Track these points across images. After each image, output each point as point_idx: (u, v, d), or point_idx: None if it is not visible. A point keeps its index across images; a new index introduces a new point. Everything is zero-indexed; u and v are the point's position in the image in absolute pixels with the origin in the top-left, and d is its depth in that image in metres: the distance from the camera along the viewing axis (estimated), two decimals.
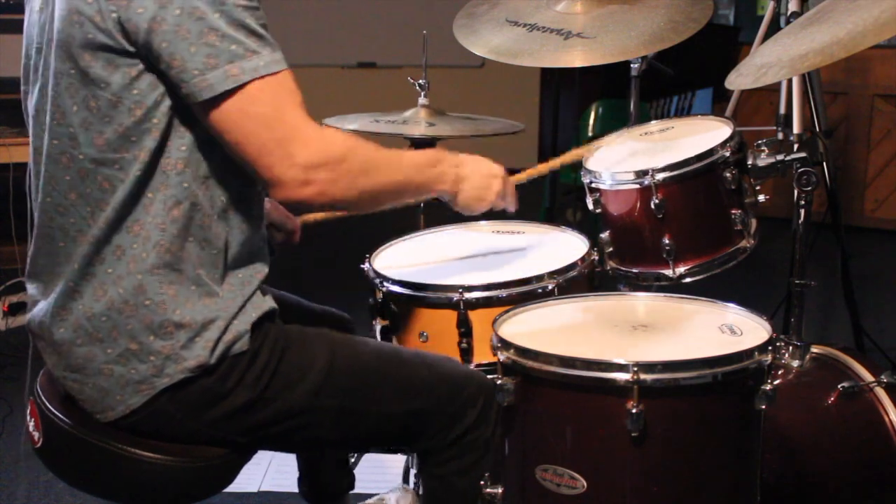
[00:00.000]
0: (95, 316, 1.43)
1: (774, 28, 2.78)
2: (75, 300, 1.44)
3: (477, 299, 1.76)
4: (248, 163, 1.38)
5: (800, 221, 2.06)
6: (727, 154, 1.86)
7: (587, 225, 4.33)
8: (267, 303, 1.52)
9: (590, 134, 4.73)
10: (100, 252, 1.42)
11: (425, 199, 1.69)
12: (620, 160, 2.04)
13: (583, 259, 1.88)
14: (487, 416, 1.60)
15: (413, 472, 2.11)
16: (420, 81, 2.38)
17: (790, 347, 2.05)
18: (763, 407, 1.43)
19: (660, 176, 1.86)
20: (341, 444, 1.75)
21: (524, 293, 1.77)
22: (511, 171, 1.87)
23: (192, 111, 1.39)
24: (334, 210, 1.48)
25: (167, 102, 1.38)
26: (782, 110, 2.85)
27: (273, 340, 1.50)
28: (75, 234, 1.44)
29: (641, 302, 1.71)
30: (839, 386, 1.94)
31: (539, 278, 1.79)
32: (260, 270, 1.51)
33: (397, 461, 2.51)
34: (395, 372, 1.57)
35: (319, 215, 2.00)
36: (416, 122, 2.32)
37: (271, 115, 1.35)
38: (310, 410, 1.51)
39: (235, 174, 1.44)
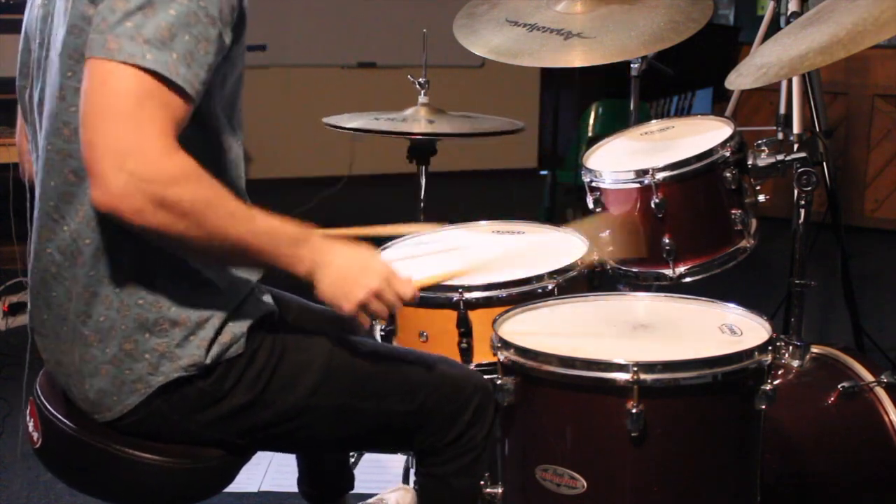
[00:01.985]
0: (92, 317, 1.42)
1: (774, 28, 2.78)
2: (70, 300, 1.44)
3: (477, 299, 1.76)
4: (84, 145, 1.25)
5: (800, 221, 2.06)
6: (727, 154, 1.87)
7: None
8: (265, 304, 1.52)
9: (590, 134, 4.73)
10: (83, 248, 1.40)
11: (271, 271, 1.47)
12: (621, 159, 2.05)
13: (583, 259, 1.88)
14: (485, 416, 1.60)
15: (413, 471, 2.11)
16: (420, 80, 2.38)
17: (790, 347, 2.04)
18: (763, 407, 1.43)
19: (660, 175, 1.86)
20: (339, 445, 1.75)
21: (524, 293, 1.77)
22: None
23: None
24: (154, 240, 1.30)
25: None
26: (782, 110, 2.85)
27: (271, 342, 1.49)
28: (40, 229, 1.43)
29: (641, 302, 1.71)
30: (839, 386, 1.94)
31: (539, 278, 1.78)
32: (257, 270, 1.51)
33: (397, 461, 2.51)
34: (392, 372, 1.57)
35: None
36: (416, 119, 2.31)
37: (128, 109, 1.23)
38: (308, 411, 1.50)
39: (227, 171, 1.43)
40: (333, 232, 1.68)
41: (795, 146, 1.98)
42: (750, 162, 1.91)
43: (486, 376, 1.62)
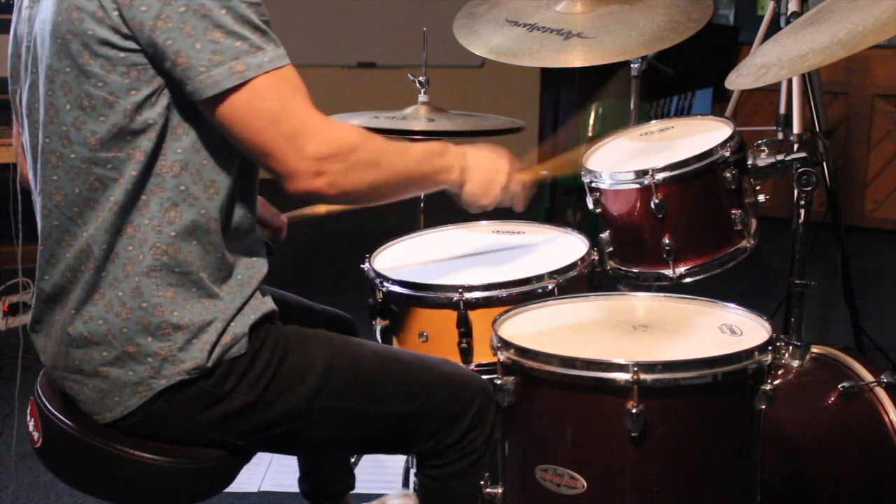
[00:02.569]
0: (93, 319, 1.42)
1: (774, 28, 2.78)
2: (72, 302, 1.44)
3: (477, 299, 1.76)
4: (260, 157, 1.39)
5: (800, 221, 2.06)
6: (727, 154, 1.86)
7: (587, 225, 4.33)
8: (266, 304, 1.52)
9: (590, 134, 4.73)
10: (93, 254, 1.41)
11: (432, 192, 1.66)
12: (621, 160, 2.04)
13: (583, 259, 1.88)
14: (485, 418, 1.60)
15: (413, 472, 2.11)
16: (420, 79, 2.38)
17: (790, 347, 2.04)
18: (763, 407, 1.43)
19: (660, 176, 1.86)
20: (339, 446, 1.75)
21: (524, 293, 1.76)
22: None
23: (190, 113, 1.38)
24: (345, 202, 1.49)
25: (164, 103, 1.37)
26: (782, 110, 2.85)
27: (272, 343, 1.49)
28: (60, 236, 1.44)
29: (641, 302, 1.71)
30: (839, 386, 1.94)
31: (539, 278, 1.78)
32: (259, 271, 1.51)
33: (397, 462, 2.51)
34: (393, 374, 1.57)
35: (305, 211, 2.00)
36: (416, 118, 2.31)
37: (279, 110, 1.36)
38: (308, 413, 1.50)
39: (233, 175, 1.44)
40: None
41: (795, 146, 1.98)
42: (750, 162, 1.90)
43: (485, 376, 1.62)
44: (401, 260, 2.00)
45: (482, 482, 1.58)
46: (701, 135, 2.00)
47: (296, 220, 1.99)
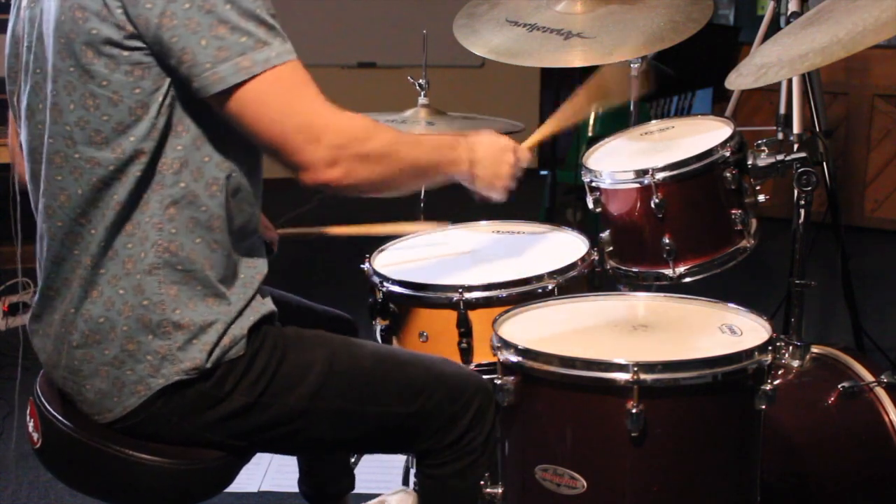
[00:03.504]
0: (93, 317, 1.42)
1: (774, 28, 2.78)
2: (72, 301, 1.44)
3: (477, 299, 1.76)
4: (273, 150, 1.39)
5: (800, 221, 2.06)
6: (727, 154, 1.86)
7: (587, 225, 4.33)
8: (266, 305, 1.52)
9: (590, 134, 4.73)
10: (93, 253, 1.41)
11: (445, 184, 1.66)
12: (621, 160, 2.05)
13: (583, 259, 1.88)
14: (485, 418, 1.60)
15: (413, 472, 2.11)
16: (420, 81, 2.37)
17: (790, 347, 2.04)
18: (763, 407, 1.43)
19: (660, 175, 1.86)
20: (339, 446, 1.75)
21: (524, 293, 1.76)
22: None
23: (191, 110, 1.38)
24: (359, 193, 1.47)
25: (167, 101, 1.37)
26: (782, 110, 2.85)
27: (271, 344, 1.49)
28: (65, 237, 1.44)
29: (641, 302, 1.71)
30: (839, 386, 1.94)
31: (539, 278, 1.78)
32: (260, 271, 1.51)
33: (398, 461, 2.51)
34: (393, 374, 1.57)
35: (300, 230, 2.00)
36: (416, 121, 2.31)
37: (288, 103, 1.36)
38: (307, 413, 1.50)
39: (235, 174, 1.44)
40: (337, 230, 1.75)
41: (795, 146, 1.98)
42: (750, 162, 1.91)
43: (486, 376, 1.62)
44: (401, 260, 2.00)
45: (482, 482, 1.58)
46: (701, 135, 2.00)
47: (289, 237, 1.98)
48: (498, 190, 1.69)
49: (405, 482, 2.29)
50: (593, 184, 2.00)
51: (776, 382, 1.94)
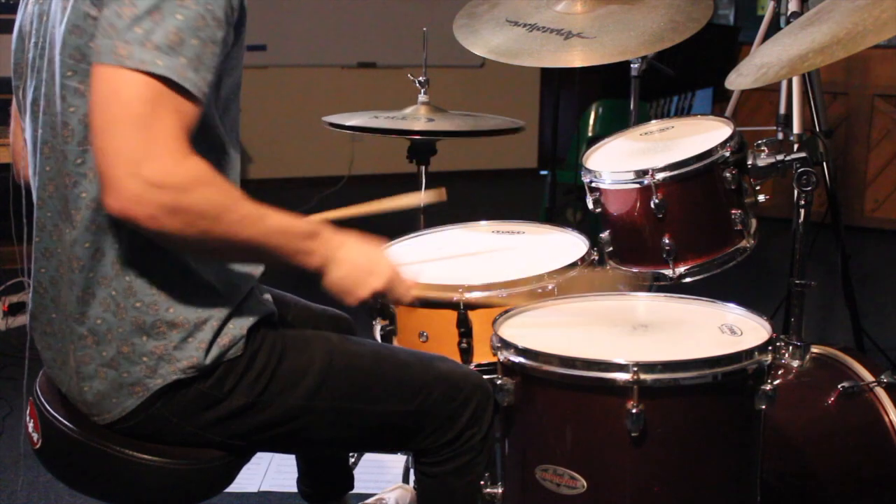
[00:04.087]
0: (89, 319, 1.42)
1: (774, 28, 2.78)
2: (68, 303, 1.44)
3: (477, 299, 1.76)
4: (96, 152, 1.26)
5: (800, 221, 2.06)
6: (727, 154, 1.87)
7: (587, 225, 4.34)
8: (265, 306, 1.51)
9: (590, 134, 4.73)
10: (77, 254, 1.40)
11: (285, 268, 1.48)
12: (621, 160, 2.05)
13: (583, 259, 1.88)
14: (484, 416, 1.60)
15: (413, 471, 2.10)
16: (420, 79, 2.37)
17: (790, 347, 2.05)
18: (763, 407, 1.43)
19: (660, 176, 1.86)
20: (338, 445, 1.75)
21: (524, 293, 1.76)
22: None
23: None
24: (162, 243, 1.32)
25: None
26: (782, 110, 2.85)
27: (270, 344, 1.49)
28: (53, 228, 1.43)
29: (641, 302, 1.71)
30: (839, 386, 1.94)
31: (539, 278, 1.78)
32: (255, 267, 1.51)
33: (397, 461, 2.51)
34: (392, 373, 1.57)
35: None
36: (416, 118, 2.31)
37: (141, 116, 1.23)
38: (307, 413, 1.50)
39: (226, 174, 1.43)
40: (333, 214, 1.69)
41: (795, 146, 1.98)
42: (750, 162, 1.91)
43: (486, 376, 1.62)
44: (401, 260, 2.00)
45: (482, 482, 1.58)
46: (701, 135, 2.01)
47: None
48: (347, 298, 1.50)
49: (405, 481, 2.29)
50: (593, 184, 2.00)
51: (776, 382, 1.94)
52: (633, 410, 1.34)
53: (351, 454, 2.34)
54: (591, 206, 2.02)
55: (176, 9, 1.26)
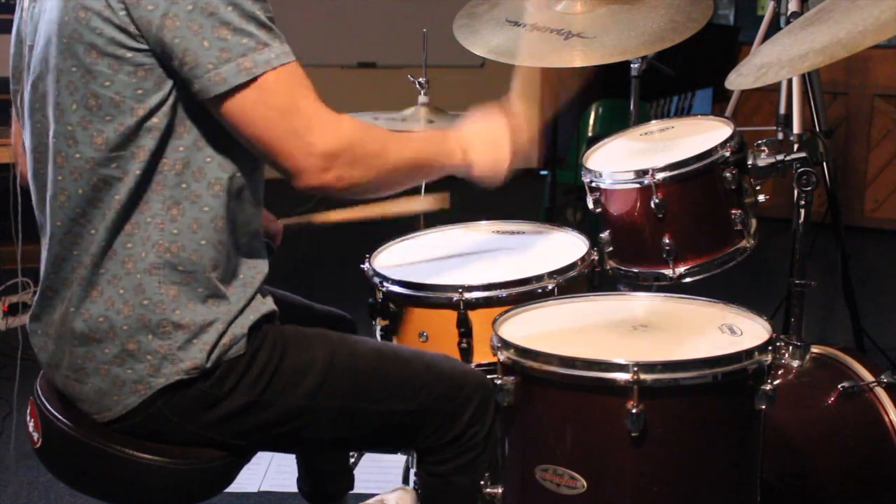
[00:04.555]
0: (93, 317, 1.42)
1: (774, 28, 2.78)
2: (72, 301, 1.44)
3: (477, 299, 1.76)
4: (267, 154, 1.39)
5: (800, 221, 2.06)
6: (727, 154, 1.86)
7: (587, 225, 4.33)
8: (266, 305, 1.52)
9: (590, 134, 4.73)
10: (93, 252, 1.41)
11: (443, 176, 1.64)
12: (621, 160, 2.05)
13: (583, 259, 1.88)
14: (486, 414, 1.60)
15: (413, 471, 2.11)
16: (420, 80, 2.37)
17: (790, 347, 2.05)
18: (763, 407, 1.43)
19: (660, 176, 1.86)
20: (339, 444, 1.75)
21: (524, 293, 1.76)
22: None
23: (193, 112, 1.38)
24: (354, 195, 1.48)
25: (170, 102, 1.37)
26: (782, 110, 2.85)
27: (271, 343, 1.49)
28: (64, 237, 1.44)
29: (641, 302, 1.71)
30: (839, 386, 1.94)
31: (539, 278, 1.78)
32: (260, 271, 1.51)
33: (397, 461, 2.51)
34: (393, 371, 1.57)
35: (303, 219, 1.99)
36: (416, 119, 2.31)
37: (287, 105, 1.36)
38: (308, 412, 1.50)
39: (238, 174, 1.44)
40: (335, 216, 1.75)
41: (795, 146, 1.98)
42: (750, 162, 1.91)
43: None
44: (401, 260, 2.00)
45: (482, 482, 1.58)
46: (701, 135, 2.01)
47: (293, 226, 1.99)
48: (500, 172, 1.67)
49: (405, 482, 2.29)
50: (593, 184, 2.00)
51: (776, 382, 1.94)
52: (633, 410, 1.34)
53: (351, 454, 2.34)
54: (591, 206, 2.02)
55: (229, 13, 1.33)
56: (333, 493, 2.05)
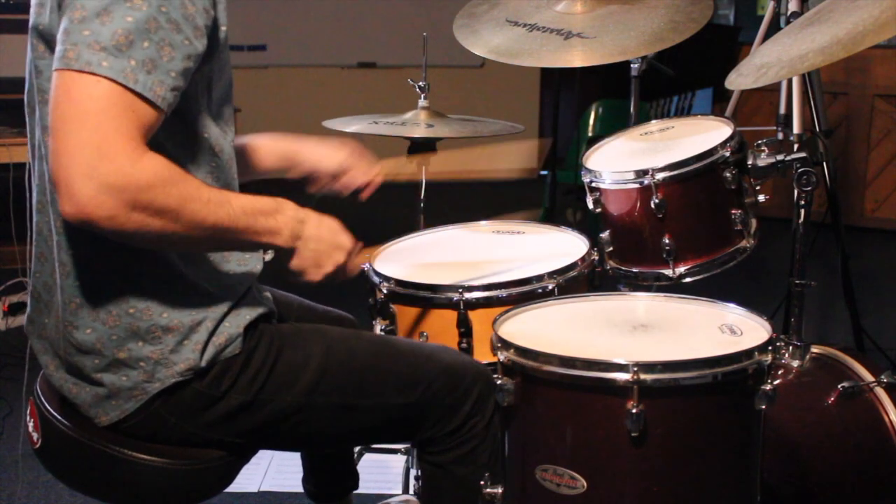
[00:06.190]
0: (79, 329, 1.41)
1: (774, 28, 2.78)
2: (59, 310, 1.43)
3: (477, 299, 1.76)
4: (51, 155, 1.23)
5: (800, 221, 2.06)
6: (727, 154, 1.86)
7: (587, 225, 4.33)
8: (263, 304, 1.51)
9: (590, 134, 4.73)
10: (63, 261, 1.40)
11: (256, 251, 1.51)
12: (621, 160, 2.05)
13: (583, 259, 1.88)
14: (486, 404, 1.60)
15: (413, 473, 2.11)
16: (420, 83, 2.37)
17: (790, 347, 2.04)
18: (763, 407, 1.43)
19: (660, 175, 1.86)
20: (339, 440, 1.75)
21: (524, 293, 1.77)
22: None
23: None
24: (124, 241, 1.29)
25: None
26: (782, 110, 2.85)
27: (268, 341, 1.49)
28: (48, 233, 1.42)
29: (641, 302, 1.71)
30: (839, 386, 1.94)
31: (539, 278, 1.79)
32: (251, 269, 1.51)
33: (398, 461, 2.51)
34: (391, 365, 1.57)
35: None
36: (416, 123, 2.32)
37: (92, 116, 1.21)
38: (306, 408, 1.50)
39: (207, 172, 1.43)
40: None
41: (795, 146, 1.98)
42: (750, 162, 1.91)
43: None
44: (401, 260, 2.00)
45: (482, 482, 1.57)
46: (701, 135, 2.01)
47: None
48: (314, 275, 1.50)
49: (405, 482, 2.30)
50: (593, 184, 2.00)
51: (776, 382, 1.95)
52: (633, 410, 1.34)
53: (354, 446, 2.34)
54: (591, 206, 2.02)
55: (126, 11, 1.23)
56: (339, 492, 2.05)
